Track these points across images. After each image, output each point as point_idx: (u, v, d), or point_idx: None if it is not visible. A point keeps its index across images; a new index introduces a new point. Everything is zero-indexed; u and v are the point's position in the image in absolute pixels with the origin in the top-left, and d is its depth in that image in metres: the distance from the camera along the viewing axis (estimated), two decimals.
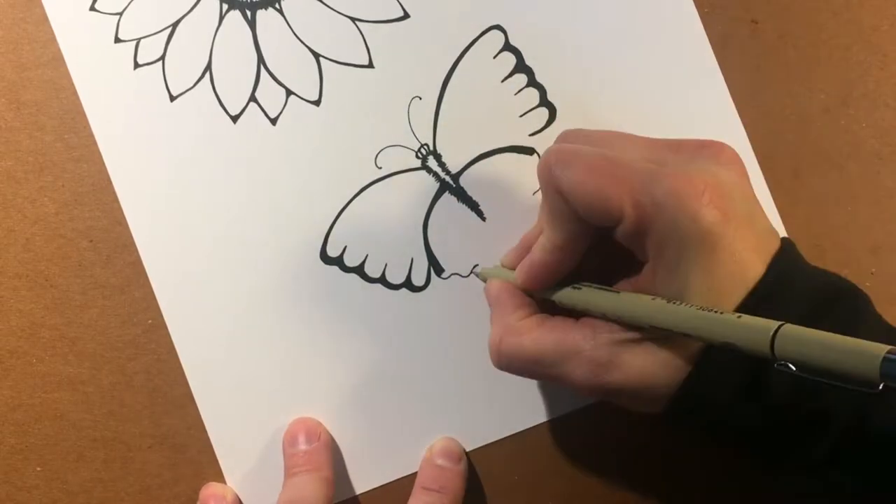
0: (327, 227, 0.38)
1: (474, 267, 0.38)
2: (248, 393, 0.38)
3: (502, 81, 0.38)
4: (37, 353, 0.38)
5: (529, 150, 0.38)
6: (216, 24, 0.38)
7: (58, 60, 0.38)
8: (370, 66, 0.38)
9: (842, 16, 0.39)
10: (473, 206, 0.38)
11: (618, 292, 0.31)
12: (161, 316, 0.38)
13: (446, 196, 0.38)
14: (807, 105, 0.39)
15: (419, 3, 0.38)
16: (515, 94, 0.38)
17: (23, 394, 0.38)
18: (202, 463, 0.38)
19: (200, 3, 0.38)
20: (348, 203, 0.38)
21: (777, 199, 0.39)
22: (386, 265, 0.38)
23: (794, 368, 0.24)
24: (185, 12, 0.38)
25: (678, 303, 0.28)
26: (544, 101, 0.38)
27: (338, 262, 0.38)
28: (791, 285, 0.29)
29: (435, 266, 0.38)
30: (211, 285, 0.38)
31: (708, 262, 0.28)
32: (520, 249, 0.36)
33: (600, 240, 0.32)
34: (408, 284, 0.38)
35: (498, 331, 0.33)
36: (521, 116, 0.38)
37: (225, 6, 0.38)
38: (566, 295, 0.33)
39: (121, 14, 0.38)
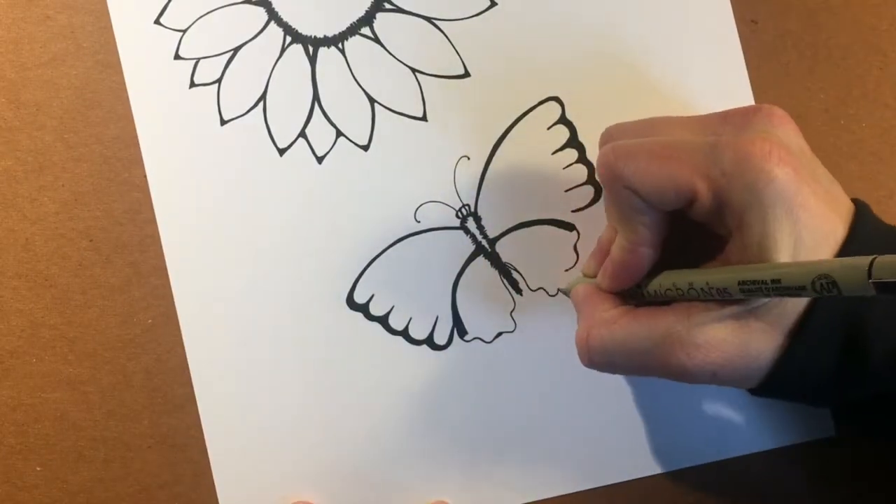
0: (358, 272, 0.38)
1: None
2: (254, 424, 0.38)
3: (552, 153, 0.38)
4: (37, 353, 0.38)
5: (569, 226, 0.38)
6: (277, 54, 0.38)
7: (57, 60, 0.38)
8: (423, 118, 0.38)
9: (842, 16, 0.39)
10: (506, 273, 0.38)
11: (706, 270, 0.30)
12: (161, 316, 0.38)
13: (480, 259, 0.38)
14: (807, 105, 0.39)
15: (482, 63, 0.38)
16: (564, 168, 0.38)
17: (23, 394, 0.38)
18: (202, 463, 0.38)
19: (265, 31, 0.38)
20: (382, 252, 0.38)
21: None
22: (410, 319, 0.38)
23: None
24: (248, 38, 0.38)
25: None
26: (591, 180, 0.38)
27: (363, 309, 0.38)
28: (875, 245, 0.29)
29: (459, 327, 0.38)
30: (235, 308, 0.38)
31: (789, 220, 0.28)
32: (598, 254, 0.35)
33: (678, 224, 0.31)
34: (429, 341, 0.38)
35: (585, 325, 0.32)
36: (566, 191, 0.38)
37: (288, 38, 0.38)
38: (655, 285, 0.31)
39: (184, 31, 0.38)
